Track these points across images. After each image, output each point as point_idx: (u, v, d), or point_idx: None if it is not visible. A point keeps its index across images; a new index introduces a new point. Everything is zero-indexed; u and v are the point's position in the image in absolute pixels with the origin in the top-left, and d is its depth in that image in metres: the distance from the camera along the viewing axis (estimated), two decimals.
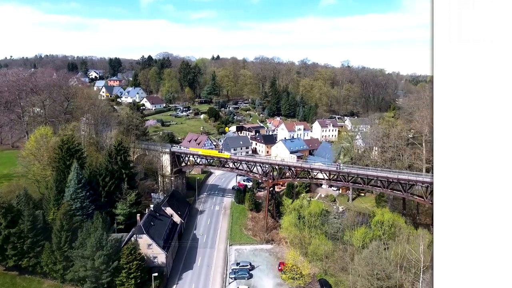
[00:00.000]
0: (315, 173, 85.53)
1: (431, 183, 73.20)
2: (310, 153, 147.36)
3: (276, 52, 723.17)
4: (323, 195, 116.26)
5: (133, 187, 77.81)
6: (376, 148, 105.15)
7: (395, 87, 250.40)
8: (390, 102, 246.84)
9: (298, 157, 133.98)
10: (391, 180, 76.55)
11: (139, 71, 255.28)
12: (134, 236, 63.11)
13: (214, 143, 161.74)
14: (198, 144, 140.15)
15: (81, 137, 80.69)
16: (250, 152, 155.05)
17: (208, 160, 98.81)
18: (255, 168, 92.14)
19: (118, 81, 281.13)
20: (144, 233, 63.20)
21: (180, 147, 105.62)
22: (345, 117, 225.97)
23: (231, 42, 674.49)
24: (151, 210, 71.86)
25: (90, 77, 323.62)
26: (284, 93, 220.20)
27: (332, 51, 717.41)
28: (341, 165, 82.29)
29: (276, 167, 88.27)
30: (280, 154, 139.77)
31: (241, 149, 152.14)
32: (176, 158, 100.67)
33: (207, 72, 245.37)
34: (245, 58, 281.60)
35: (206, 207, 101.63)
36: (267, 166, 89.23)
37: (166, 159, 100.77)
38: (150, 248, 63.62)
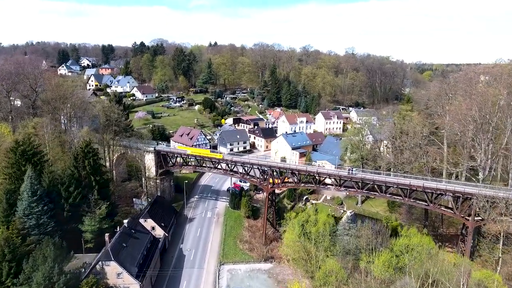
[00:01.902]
0: (323, 178, 72.67)
1: (465, 193, 60.54)
2: (314, 149, 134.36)
3: (277, 39, 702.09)
4: (328, 197, 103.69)
5: (105, 197, 64.97)
6: (390, 147, 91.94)
7: (403, 76, 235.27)
8: (397, 92, 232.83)
9: (301, 154, 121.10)
10: (414, 188, 63.79)
11: (131, 59, 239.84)
12: (100, 263, 50.67)
13: (209, 137, 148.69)
14: (191, 139, 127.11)
15: (45, 136, 67.24)
16: (248, 147, 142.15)
17: (199, 161, 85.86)
18: (252, 171, 79.31)
19: (110, 69, 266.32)
20: (112, 259, 50.73)
21: (167, 145, 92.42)
22: (350, 108, 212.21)
23: (230, 30, 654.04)
24: (125, 226, 59.19)
25: (82, 65, 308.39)
26: (285, 82, 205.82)
27: (336, 38, 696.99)
28: (353, 169, 69.31)
29: (277, 170, 75.35)
30: (281, 150, 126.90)
31: (238, 144, 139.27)
32: (162, 158, 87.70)
33: (203, 59, 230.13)
34: (244, 45, 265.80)
35: (196, 213, 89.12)
36: (266, 168, 76.34)
37: (150, 159, 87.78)
38: (120, 277, 51.25)
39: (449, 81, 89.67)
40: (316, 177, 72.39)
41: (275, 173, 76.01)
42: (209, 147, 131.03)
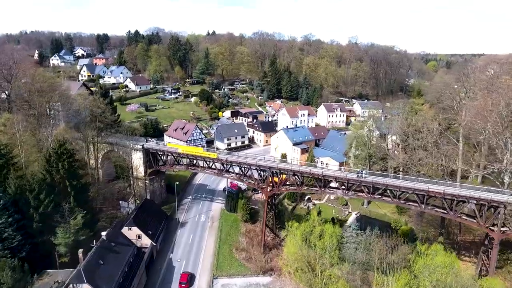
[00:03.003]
0: (328, 181, 65.04)
1: (491, 201, 53.05)
2: (316, 144, 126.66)
3: (277, 28, 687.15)
4: (332, 197, 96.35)
5: (84, 203, 57.50)
6: (400, 144, 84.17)
7: (409, 67, 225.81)
8: (402, 83, 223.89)
9: (303, 150, 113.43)
10: (432, 194, 56.26)
11: (125, 48, 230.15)
12: (71, 286, 43.38)
13: (205, 131, 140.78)
14: (185, 133, 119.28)
15: (17, 135, 59.35)
16: (246, 142, 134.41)
17: (191, 160, 78.18)
18: (250, 171, 71.66)
19: (104, 59, 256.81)
20: (84, 282, 43.43)
21: (157, 142, 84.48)
22: (353, 99, 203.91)
23: (229, 19, 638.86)
24: (103, 239, 51.81)
25: (77, 55, 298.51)
26: (285, 73, 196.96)
27: (338, 27, 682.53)
28: (363, 172, 61.63)
29: (277, 171, 67.70)
30: (281, 145, 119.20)
31: (236, 138, 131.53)
32: (151, 157, 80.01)
33: (200, 49, 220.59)
34: (243, 34, 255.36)
35: (189, 217, 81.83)
36: (265, 170, 68.71)
37: (138, 158, 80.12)
38: None
39: (467, 72, 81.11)
40: (321, 180, 64.82)
41: (275, 175, 68.48)
42: (204, 142, 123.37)
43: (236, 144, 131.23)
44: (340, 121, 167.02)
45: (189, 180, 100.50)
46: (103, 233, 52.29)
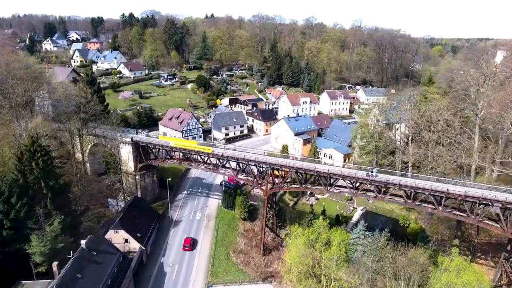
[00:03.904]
0: (335, 179, 59.07)
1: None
2: (319, 134, 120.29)
3: (278, 10, 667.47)
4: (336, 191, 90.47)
5: (64, 206, 51.61)
6: (410, 136, 77.67)
7: (415, 51, 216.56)
8: (408, 69, 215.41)
9: (305, 140, 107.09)
10: (452, 196, 50.25)
11: (119, 32, 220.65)
12: None
13: (202, 120, 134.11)
14: (181, 123, 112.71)
15: None
16: (245, 132, 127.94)
17: (185, 154, 72.00)
18: (248, 167, 65.56)
19: (99, 44, 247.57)
20: None
21: (147, 134, 78.01)
22: (357, 86, 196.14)
23: (227, 1, 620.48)
24: (82, 248, 46.09)
25: (71, 39, 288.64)
26: (286, 58, 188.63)
27: (341, 9, 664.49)
28: (374, 170, 55.46)
29: (278, 168, 61.57)
30: (282, 135, 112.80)
31: (235, 128, 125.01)
32: (141, 150, 73.77)
33: (197, 32, 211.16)
34: (242, 17, 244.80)
35: (183, 214, 76.26)
36: (264, 166, 62.62)
37: (127, 152, 73.90)
38: None
39: (487, 58, 73.85)
40: (327, 178, 58.88)
41: (276, 169, 62.43)
42: (201, 132, 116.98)
43: (234, 134, 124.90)
44: (343, 109, 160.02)
45: (184, 174, 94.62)
46: (83, 242, 46.53)
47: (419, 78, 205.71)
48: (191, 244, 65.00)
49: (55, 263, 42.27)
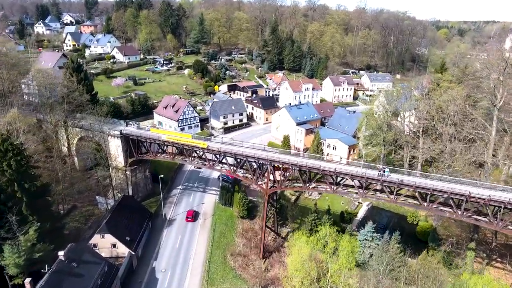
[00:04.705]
0: (341, 178, 53.79)
1: None
2: (322, 123, 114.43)
3: None
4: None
5: (43, 209, 46.48)
6: (421, 130, 71.82)
7: (423, 35, 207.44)
8: (414, 53, 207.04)
9: (307, 130, 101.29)
10: (474, 200, 44.97)
11: (112, 14, 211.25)
12: None
13: (200, 107, 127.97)
14: (176, 111, 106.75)
15: None
16: (244, 120, 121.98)
17: (178, 148, 66.52)
18: (246, 163, 60.16)
19: (93, 27, 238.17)
20: None
21: (138, 127, 72.17)
22: (361, 71, 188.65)
23: None
24: (61, 260, 41.16)
25: (65, 21, 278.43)
26: (287, 42, 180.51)
27: None
28: (387, 170, 50.01)
29: (279, 165, 56.21)
30: (283, 125, 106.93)
31: (233, 116, 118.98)
32: (132, 144, 68.19)
33: (194, 15, 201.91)
34: None
35: (178, 212, 71.39)
36: (265, 163, 57.23)
37: (116, 146, 68.32)
38: None
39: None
40: (333, 177, 53.66)
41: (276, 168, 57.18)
42: (198, 121, 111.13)
43: (233, 123, 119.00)
44: (347, 95, 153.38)
45: (179, 167, 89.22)
46: (61, 253, 41.53)
47: (425, 63, 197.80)
48: (193, 216, 68.29)
49: (27, 280, 37.48)
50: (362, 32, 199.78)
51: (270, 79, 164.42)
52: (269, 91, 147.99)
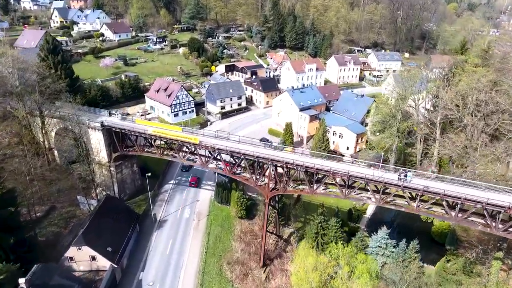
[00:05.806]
0: (353, 181, 46.44)
1: None
2: (327, 108, 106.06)
3: None
4: None
5: (5, 222, 39.35)
6: (439, 121, 63.77)
7: (434, 10, 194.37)
8: (424, 30, 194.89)
9: (312, 116, 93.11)
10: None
11: None
12: None
13: (195, 90, 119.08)
14: (169, 96, 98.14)
15: None
16: (243, 104, 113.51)
17: (168, 143, 58.83)
18: (244, 162, 52.67)
19: (82, 1, 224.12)
20: None
21: (122, 117, 64.12)
22: (367, 49, 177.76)
23: None
24: (25, 282, 34.42)
25: None
26: (289, 17, 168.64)
27: None
28: (409, 174, 42.48)
29: (283, 165, 48.68)
30: (285, 110, 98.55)
31: (231, 100, 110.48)
32: (115, 137, 60.39)
33: None
34: None
35: (169, 211, 64.61)
36: (266, 163, 49.69)
37: (98, 139, 60.52)
38: None
39: None
40: (346, 180, 46.36)
41: (279, 169, 49.80)
42: (193, 106, 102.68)
43: (231, 107, 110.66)
44: (353, 76, 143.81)
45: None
46: (21, 280, 34.70)
47: (436, 40, 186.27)
48: (196, 182, 71.35)
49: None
50: (369, 7, 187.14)
51: (271, 58, 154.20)
52: (269, 72, 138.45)
